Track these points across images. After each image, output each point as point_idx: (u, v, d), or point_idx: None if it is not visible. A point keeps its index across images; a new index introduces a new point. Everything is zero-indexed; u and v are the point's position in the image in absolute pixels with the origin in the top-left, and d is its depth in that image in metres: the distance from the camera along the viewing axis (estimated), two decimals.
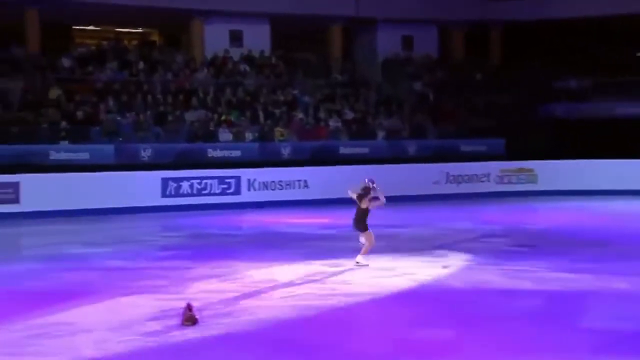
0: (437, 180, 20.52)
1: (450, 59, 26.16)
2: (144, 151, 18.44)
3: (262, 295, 8.33)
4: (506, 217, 16.35)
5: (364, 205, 9.57)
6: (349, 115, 22.14)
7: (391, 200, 18.26)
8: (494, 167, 21.24)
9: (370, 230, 9.75)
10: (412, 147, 21.50)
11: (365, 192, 9.66)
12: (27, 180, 16.54)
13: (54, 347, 6.18)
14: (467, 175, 21.00)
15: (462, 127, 22.58)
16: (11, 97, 19.26)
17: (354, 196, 9.82)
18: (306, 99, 22.37)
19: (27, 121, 18.52)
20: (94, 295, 8.26)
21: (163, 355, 6.08)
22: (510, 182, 21.44)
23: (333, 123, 21.59)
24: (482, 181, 21.16)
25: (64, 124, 18.61)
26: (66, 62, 20.84)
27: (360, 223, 9.70)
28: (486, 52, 26.46)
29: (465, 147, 21.98)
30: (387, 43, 25.43)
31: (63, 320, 7.12)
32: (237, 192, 18.94)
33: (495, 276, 9.21)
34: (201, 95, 21.34)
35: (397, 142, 21.45)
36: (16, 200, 16.53)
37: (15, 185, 16.59)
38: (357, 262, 9.62)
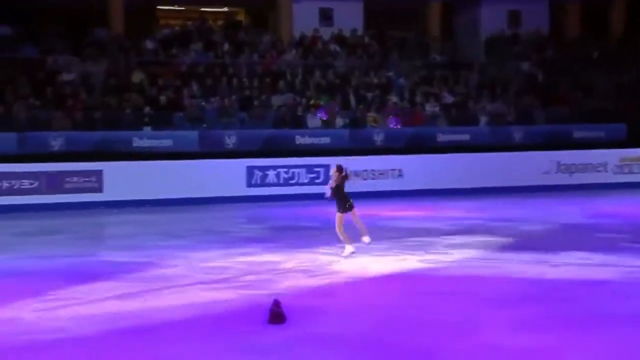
0: (547, 170, 19.99)
1: (563, 35, 25.33)
2: (229, 138, 18.74)
3: (354, 292, 8.34)
4: (626, 210, 15.77)
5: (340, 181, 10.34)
6: (448, 99, 21.83)
7: (495, 192, 17.96)
8: (613, 155, 20.49)
9: (340, 213, 10.29)
10: (518, 134, 20.97)
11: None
12: (110, 168, 17.11)
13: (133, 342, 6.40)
14: (581, 164, 20.30)
15: (575, 111, 21.85)
16: (94, 80, 20.03)
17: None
18: (401, 81, 22.18)
19: (110, 106, 19.24)
20: (175, 290, 8.44)
21: (248, 353, 6.15)
22: (631, 172, 20.59)
23: (430, 107, 21.34)
24: (599, 171, 20.42)
25: (147, 109, 19.21)
26: (150, 45, 21.43)
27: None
28: (605, 27, 25.42)
29: (579, 133, 21.25)
30: (491, 19, 24.91)
31: (146, 314, 7.30)
32: (326, 181, 18.96)
33: (613, 275, 8.97)
34: (289, 78, 21.48)
35: (501, 128, 20.96)
36: (99, 189, 17.18)
37: (98, 174, 17.19)
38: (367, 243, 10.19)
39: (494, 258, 10.31)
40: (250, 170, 18.39)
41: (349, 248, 10.10)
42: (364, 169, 19.18)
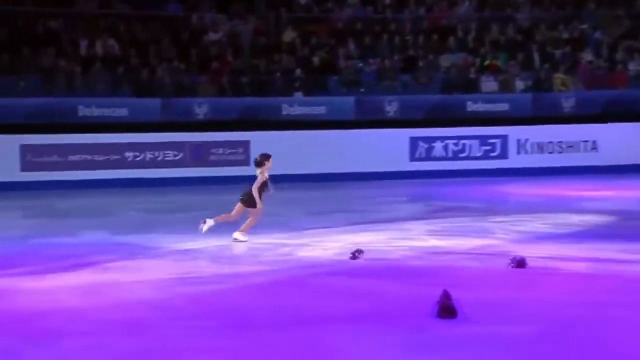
0: None
1: None
2: (390, 105, 18.93)
3: (540, 287, 8.11)
4: None
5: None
6: None
7: None
8: None
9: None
10: None
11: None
12: (257, 139, 17.55)
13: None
14: None
15: None
16: (242, 41, 20.64)
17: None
18: (598, 35, 21.23)
19: (258, 69, 19.74)
20: (329, 279, 8.51)
21: (413, 350, 6.12)
22: None
23: (635, 67, 20.30)
24: None
25: (298, 72, 19.57)
26: None
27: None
28: None
29: None
30: None
31: (306, 306, 7.40)
32: (504, 155, 18.72)
33: None
34: (460, 34, 21.19)
35: None
36: (246, 162, 17.51)
37: (246, 145, 17.80)
38: (235, 238, 10.23)
39: None
40: (413, 141, 18.52)
41: (210, 222, 10.34)
42: (549, 141, 18.76)
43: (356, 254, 9.36)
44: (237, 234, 10.49)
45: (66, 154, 17.37)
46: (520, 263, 8.78)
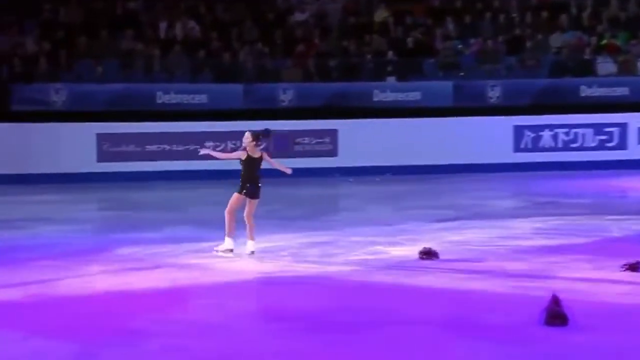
0: None
1: None
2: (492, 90, 18.70)
3: None
4: None
5: (257, 154, 9.32)
6: None
7: None
8: None
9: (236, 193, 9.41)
10: None
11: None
12: (346, 128, 17.76)
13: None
14: None
15: None
16: (330, 21, 20.64)
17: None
18: None
19: (347, 52, 19.74)
20: (422, 279, 8.57)
21: None
22: None
23: None
24: None
25: (390, 54, 19.47)
26: None
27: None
28: None
29: None
30: None
31: (396, 308, 7.42)
32: (622, 145, 18.24)
33: None
34: (574, 11, 20.72)
35: None
36: (334, 153, 17.80)
37: (333, 134, 17.91)
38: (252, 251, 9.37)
39: None
40: (518, 130, 18.29)
41: (228, 242, 9.45)
42: None
43: (425, 255, 9.24)
44: (253, 245, 9.77)
45: (143, 143, 17.75)
46: (634, 267, 8.63)
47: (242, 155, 9.51)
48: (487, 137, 18.04)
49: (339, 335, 6.60)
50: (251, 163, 9.46)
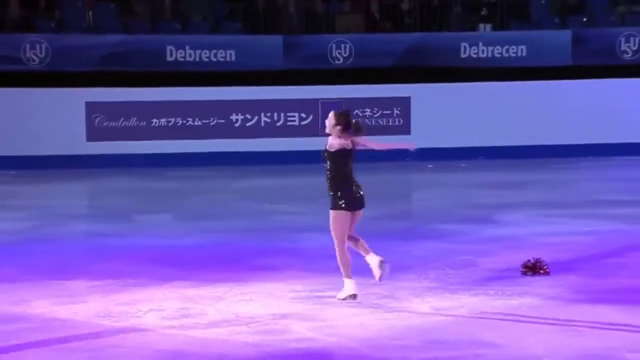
0: None
1: None
2: (627, 42, 17.32)
3: None
4: None
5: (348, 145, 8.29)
6: None
7: None
8: None
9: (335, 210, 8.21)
10: None
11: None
12: (422, 94, 17.00)
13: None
14: None
15: None
16: None
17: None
18: None
19: None
20: (521, 289, 8.03)
21: None
22: None
23: None
24: None
25: None
26: None
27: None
28: None
29: None
30: None
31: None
32: None
33: None
34: None
35: None
36: (405, 129, 17.12)
37: (405, 102, 17.19)
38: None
39: None
40: None
41: (349, 286, 8.33)
42: None
43: (529, 271, 8.56)
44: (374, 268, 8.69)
45: (148, 116, 16.82)
46: None
47: (346, 144, 8.25)
48: (619, 106, 16.88)
49: None
50: (346, 157, 8.28)
